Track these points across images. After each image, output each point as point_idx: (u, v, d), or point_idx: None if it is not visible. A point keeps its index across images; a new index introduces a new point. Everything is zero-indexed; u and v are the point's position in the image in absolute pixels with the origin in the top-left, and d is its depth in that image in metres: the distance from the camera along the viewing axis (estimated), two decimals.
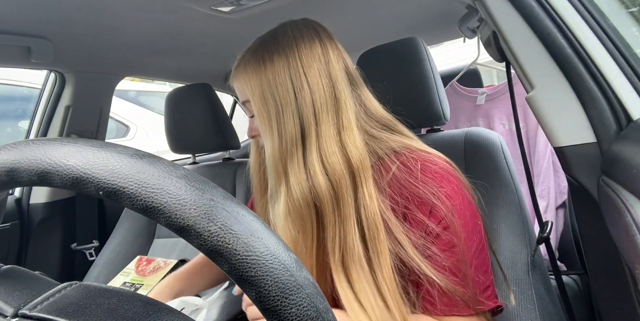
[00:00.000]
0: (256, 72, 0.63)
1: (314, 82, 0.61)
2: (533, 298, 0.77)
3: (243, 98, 0.67)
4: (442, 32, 1.49)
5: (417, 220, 0.60)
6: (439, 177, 0.61)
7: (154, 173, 0.24)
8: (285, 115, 0.61)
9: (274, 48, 0.63)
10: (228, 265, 0.24)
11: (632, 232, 0.43)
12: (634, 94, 0.56)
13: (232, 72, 0.68)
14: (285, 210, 0.61)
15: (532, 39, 0.61)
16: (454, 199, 0.60)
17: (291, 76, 0.61)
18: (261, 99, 0.62)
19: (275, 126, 0.61)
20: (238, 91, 0.67)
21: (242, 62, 0.66)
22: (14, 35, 1.00)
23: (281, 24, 0.68)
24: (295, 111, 0.60)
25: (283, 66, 0.61)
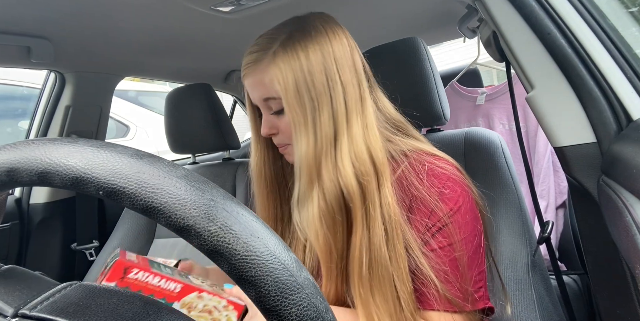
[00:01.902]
0: (289, 65, 0.59)
1: (345, 80, 0.60)
2: (533, 298, 0.77)
3: (266, 94, 0.62)
4: (442, 32, 1.49)
5: (418, 219, 0.61)
6: (444, 180, 0.62)
7: (154, 173, 0.24)
8: (321, 112, 0.59)
9: (309, 41, 0.60)
10: (228, 265, 0.24)
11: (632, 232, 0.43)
12: (634, 94, 0.56)
13: (249, 66, 0.63)
14: (319, 213, 0.59)
15: (532, 39, 0.61)
16: (456, 202, 0.61)
17: (326, 72, 0.59)
18: (295, 94, 0.58)
19: (310, 123, 0.59)
20: (259, 85, 0.62)
21: (266, 54, 0.61)
22: (14, 35, 1.00)
23: (304, 17, 0.65)
24: (329, 108, 0.59)
25: (318, 60, 0.59)
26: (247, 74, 0.64)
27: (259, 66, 0.62)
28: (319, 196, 0.59)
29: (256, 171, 0.72)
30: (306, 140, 0.59)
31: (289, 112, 0.60)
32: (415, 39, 0.91)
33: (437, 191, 0.61)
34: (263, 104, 0.64)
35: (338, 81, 0.59)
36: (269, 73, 0.60)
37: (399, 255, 0.57)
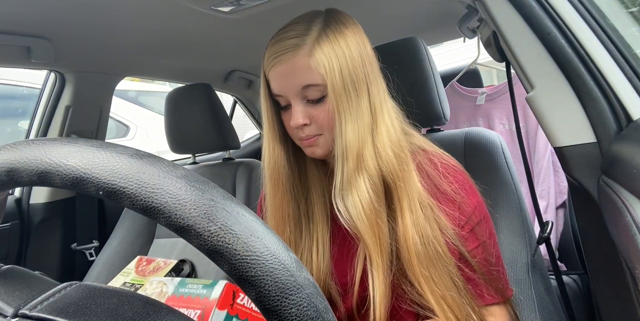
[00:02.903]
0: (334, 50, 0.59)
1: (375, 70, 0.64)
2: (533, 298, 0.77)
3: (308, 80, 0.60)
4: (442, 32, 1.49)
5: (448, 214, 0.63)
6: (459, 176, 0.66)
7: (154, 173, 0.24)
8: (362, 99, 0.61)
9: (345, 30, 0.61)
10: (228, 265, 0.24)
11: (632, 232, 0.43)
12: (634, 94, 0.56)
13: (288, 51, 0.60)
14: (368, 199, 0.60)
15: (532, 39, 0.61)
16: (476, 197, 0.66)
17: (362, 61, 0.61)
18: (341, 80, 0.59)
19: (354, 110, 0.60)
20: (302, 71, 0.60)
21: (307, 40, 0.60)
22: (14, 35, 1.00)
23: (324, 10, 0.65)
24: (367, 95, 0.62)
25: (355, 49, 0.61)
26: (285, 60, 0.61)
27: (301, 50, 0.60)
28: (365, 182, 0.60)
29: (272, 170, 0.68)
30: (352, 126, 0.60)
31: (334, 99, 0.60)
32: (415, 39, 0.91)
33: (458, 187, 0.65)
34: (300, 92, 0.62)
35: (371, 70, 0.63)
36: (314, 58, 0.59)
37: (439, 235, 0.60)
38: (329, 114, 0.61)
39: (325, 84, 0.60)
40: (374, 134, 0.61)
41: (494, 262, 0.64)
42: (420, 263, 0.58)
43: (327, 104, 0.61)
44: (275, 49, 0.61)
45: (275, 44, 0.62)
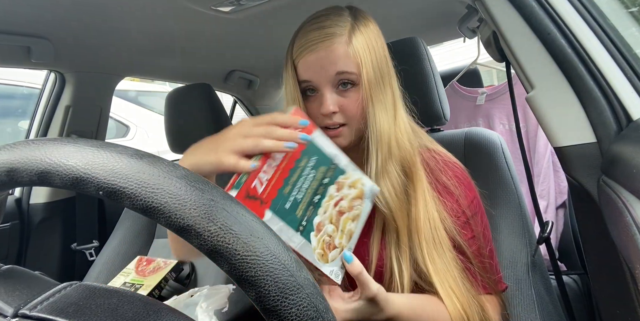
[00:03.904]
0: (369, 41, 0.63)
1: (392, 67, 0.67)
2: (533, 298, 0.77)
3: (344, 67, 0.62)
4: (442, 32, 1.49)
5: (447, 205, 0.66)
6: (458, 172, 0.70)
7: (154, 173, 0.24)
8: (387, 90, 0.65)
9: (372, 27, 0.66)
10: (228, 265, 0.24)
11: (632, 232, 0.43)
12: (634, 94, 0.56)
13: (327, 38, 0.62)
14: (399, 185, 0.64)
15: (532, 39, 0.61)
16: (473, 192, 0.70)
17: (386, 56, 0.66)
18: (374, 69, 0.63)
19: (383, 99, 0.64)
20: (339, 58, 0.62)
21: (345, 28, 0.62)
22: (14, 35, 1.00)
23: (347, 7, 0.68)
24: (391, 87, 0.66)
25: (382, 42, 0.66)
26: (324, 47, 0.62)
27: (340, 38, 0.62)
28: (396, 168, 0.64)
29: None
30: (384, 115, 0.64)
31: (367, 87, 0.63)
32: (415, 39, 0.91)
33: (457, 182, 0.68)
34: (333, 79, 0.63)
35: (390, 65, 0.67)
36: (352, 46, 0.62)
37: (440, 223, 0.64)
38: (357, 103, 0.64)
39: (357, 72, 0.63)
40: (396, 122, 0.65)
41: (487, 255, 0.67)
42: (427, 246, 0.62)
43: (357, 93, 0.64)
44: (311, 37, 0.63)
45: (311, 32, 0.63)
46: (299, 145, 0.52)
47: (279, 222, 0.50)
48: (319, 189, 0.54)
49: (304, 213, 0.53)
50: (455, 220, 0.66)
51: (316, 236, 0.53)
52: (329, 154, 0.56)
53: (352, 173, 0.58)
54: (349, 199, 0.57)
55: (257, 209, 0.49)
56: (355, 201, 0.57)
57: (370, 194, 0.59)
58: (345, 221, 0.56)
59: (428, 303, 0.61)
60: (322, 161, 0.55)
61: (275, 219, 0.50)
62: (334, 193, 0.56)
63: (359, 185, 0.58)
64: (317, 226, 0.53)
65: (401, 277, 0.62)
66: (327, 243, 0.54)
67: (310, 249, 0.52)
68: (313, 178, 0.54)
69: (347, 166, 0.58)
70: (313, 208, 0.53)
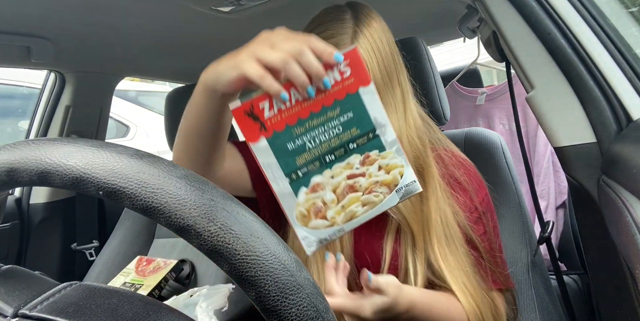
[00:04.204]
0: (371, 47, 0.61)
1: (401, 61, 0.66)
2: (533, 298, 0.77)
3: None
4: (442, 32, 1.49)
5: (460, 200, 0.66)
6: (471, 170, 0.70)
7: (154, 173, 0.24)
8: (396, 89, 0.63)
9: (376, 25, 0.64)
10: (228, 265, 0.24)
11: (632, 232, 0.43)
12: (634, 94, 0.56)
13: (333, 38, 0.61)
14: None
15: (532, 39, 0.61)
16: (484, 190, 0.70)
17: (392, 53, 0.64)
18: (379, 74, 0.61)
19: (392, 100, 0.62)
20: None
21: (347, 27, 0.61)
22: (14, 35, 1.00)
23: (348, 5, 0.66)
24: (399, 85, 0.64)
25: (387, 42, 0.63)
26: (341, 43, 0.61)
27: (345, 37, 0.60)
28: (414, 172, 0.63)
29: None
30: (394, 116, 0.62)
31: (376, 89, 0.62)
32: (415, 39, 0.91)
33: (469, 178, 0.68)
34: None
35: (398, 60, 0.65)
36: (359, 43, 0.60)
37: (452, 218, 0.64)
38: None
39: None
40: (406, 120, 0.64)
41: (498, 250, 0.68)
42: (439, 243, 0.61)
43: None
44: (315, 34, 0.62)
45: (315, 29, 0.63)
46: (333, 92, 0.44)
47: (271, 157, 0.44)
48: (338, 151, 0.46)
49: (305, 163, 0.46)
50: (468, 215, 0.65)
51: (307, 195, 0.46)
52: (374, 120, 0.46)
53: (394, 155, 0.48)
54: (372, 180, 0.48)
55: (253, 131, 0.43)
56: (379, 187, 0.48)
57: (404, 190, 0.49)
58: (352, 200, 0.47)
59: (442, 297, 0.60)
60: (359, 123, 0.46)
61: (268, 151, 0.44)
62: (355, 164, 0.47)
63: (396, 173, 0.48)
64: (314, 185, 0.46)
65: (415, 277, 0.61)
66: (316, 208, 0.47)
67: (293, 203, 0.46)
68: (336, 135, 0.46)
69: (392, 144, 0.48)
70: (319, 165, 0.46)
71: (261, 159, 0.45)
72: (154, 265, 1.14)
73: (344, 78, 0.44)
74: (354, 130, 0.46)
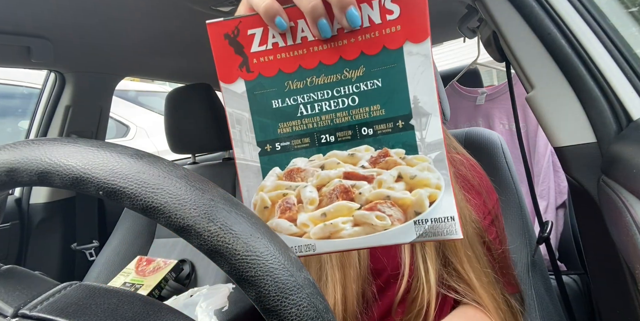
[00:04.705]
0: None
1: None
2: (533, 298, 0.77)
3: None
4: (442, 32, 1.49)
5: (473, 204, 0.65)
6: (482, 173, 0.70)
7: (154, 173, 0.24)
8: None
9: None
10: (228, 265, 0.24)
11: (632, 232, 0.43)
12: (634, 94, 0.56)
13: None
14: None
15: (532, 39, 0.61)
16: (495, 194, 0.69)
17: None
18: None
19: None
20: None
21: None
22: (14, 35, 1.00)
23: None
24: None
25: None
26: None
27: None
28: None
29: None
30: None
31: None
32: None
33: (481, 182, 0.68)
34: None
35: None
36: None
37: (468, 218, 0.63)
38: None
39: None
40: None
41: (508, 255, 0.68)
42: (462, 242, 0.61)
43: None
44: None
45: None
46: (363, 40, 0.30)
47: (245, 110, 0.32)
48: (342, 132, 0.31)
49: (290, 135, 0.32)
50: (481, 219, 0.65)
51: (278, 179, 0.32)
52: (412, 101, 0.31)
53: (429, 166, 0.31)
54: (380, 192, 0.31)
55: (231, 66, 0.32)
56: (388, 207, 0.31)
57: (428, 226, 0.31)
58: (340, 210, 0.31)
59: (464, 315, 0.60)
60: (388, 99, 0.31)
61: (244, 100, 0.32)
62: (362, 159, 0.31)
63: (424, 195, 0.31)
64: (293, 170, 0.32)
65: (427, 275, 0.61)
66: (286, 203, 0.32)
67: (255, 182, 0.33)
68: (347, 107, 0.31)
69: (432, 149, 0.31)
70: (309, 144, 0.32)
71: (230, 107, 0.32)
72: (154, 265, 1.14)
73: (386, 21, 0.30)
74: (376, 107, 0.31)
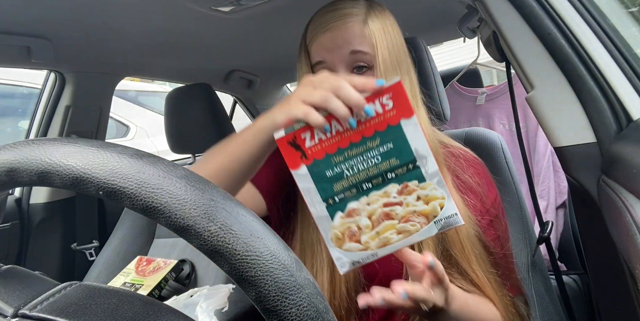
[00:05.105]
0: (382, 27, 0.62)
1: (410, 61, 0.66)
2: (533, 298, 0.77)
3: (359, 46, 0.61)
4: (442, 32, 1.49)
5: (470, 204, 0.64)
6: (480, 169, 0.68)
7: (154, 173, 0.24)
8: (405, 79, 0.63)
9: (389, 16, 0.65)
10: (228, 265, 0.24)
11: (632, 232, 0.43)
12: (634, 94, 0.56)
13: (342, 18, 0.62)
14: None
15: (532, 39, 0.61)
16: (495, 191, 0.68)
17: (404, 46, 0.65)
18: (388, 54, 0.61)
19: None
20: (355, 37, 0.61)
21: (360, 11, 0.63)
22: (14, 35, 1.00)
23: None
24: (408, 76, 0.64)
25: (399, 35, 0.65)
26: (339, 26, 0.62)
27: (355, 18, 0.62)
28: None
29: None
30: None
31: (382, 70, 0.61)
32: (415, 39, 0.91)
33: (479, 179, 0.66)
34: (348, 58, 0.62)
35: (407, 57, 0.66)
36: (368, 27, 0.61)
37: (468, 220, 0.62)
38: None
39: (373, 53, 0.61)
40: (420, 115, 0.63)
41: (510, 255, 0.66)
42: (470, 241, 0.60)
43: (372, 75, 0.62)
44: (327, 18, 0.63)
45: (326, 14, 0.63)
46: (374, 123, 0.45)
47: (310, 183, 0.47)
48: (375, 179, 0.47)
49: (342, 190, 0.47)
50: (480, 219, 0.63)
51: (342, 219, 0.48)
52: (414, 151, 0.46)
53: (434, 187, 0.47)
54: (409, 210, 0.47)
55: (294, 159, 0.46)
56: (416, 217, 0.47)
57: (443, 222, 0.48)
58: (387, 227, 0.48)
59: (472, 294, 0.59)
60: (399, 154, 0.46)
61: (307, 177, 0.47)
62: (392, 193, 0.47)
63: (436, 205, 0.47)
64: (350, 211, 0.47)
65: None
66: (351, 232, 0.48)
67: (328, 225, 0.48)
68: (374, 165, 0.46)
69: (433, 176, 0.47)
70: (356, 192, 0.47)
71: (301, 184, 0.48)
72: (154, 265, 1.14)
73: (385, 111, 0.45)
74: (393, 160, 0.47)
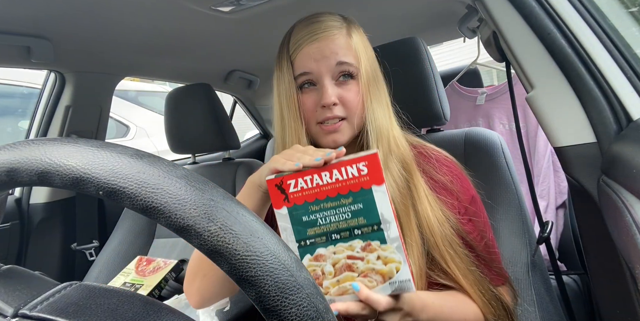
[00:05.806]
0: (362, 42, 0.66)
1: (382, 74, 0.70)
2: (533, 298, 0.77)
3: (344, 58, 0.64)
4: (442, 32, 1.49)
5: (447, 202, 0.65)
6: (452, 167, 0.70)
7: (154, 173, 0.24)
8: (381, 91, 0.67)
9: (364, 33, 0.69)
10: (228, 265, 0.24)
11: (632, 232, 0.43)
12: (634, 94, 0.56)
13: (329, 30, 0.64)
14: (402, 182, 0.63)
15: (532, 39, 0.61)
16: (471, 188, 0.69)
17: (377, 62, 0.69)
18: (369, 67, 0.65)
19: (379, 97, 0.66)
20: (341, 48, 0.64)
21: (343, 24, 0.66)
22: (14, 35, 1.00)
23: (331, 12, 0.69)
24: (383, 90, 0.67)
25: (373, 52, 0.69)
26: (325, 38, 0.64)
27: (340, 30, 0.65)
28: (396, 165, 0.64)
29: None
30: (381, 110, 0.65)
31: (365, 81, 0.64)
32: (415, 39, 0.91)
33: (452, 178, 0.68)
34: (334, 69, 0.64)
35: (379, 68, 0.69)
36: (352, 40, 0.65)
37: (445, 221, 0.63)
38: (357, 96, 0.64)
39: (356, 65, 0.64)
40: (392, 123, 0.66)
41: (491, 245, 0.68)
42: (443, 243, 0.61)
43: (356, 86, 0.64)
44: (311, 29, 0.64)
45: (310, 25, 0.65)
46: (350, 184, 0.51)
47: (288, 223, 0.52)
48: (344, 232, 0.52)
49: (314, 235, 0.52)
50: (459, 217, 0.65)
51: (309, 261, 0.52)
52: (380, 215, 0.51)
53: (393, 251, 0.51)
54: (369, 266, 0.51)
55: (279, 200, 0.52)
56: (374, 274, 0.51)
57: (397, 285, 0.51)
58: (347, 278, 0.51)
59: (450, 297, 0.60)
60: (366, 215, 0.51)
61: (287, 218, 0.52)
62: (357, 247, 0.52)
63: (393, 267, 0.51)
64: (317, 256, 0.52)
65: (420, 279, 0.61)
66: (315, 275, 0.52)
67: None
68: (344, 219, 0.51)
69: (394, 241, 0.51)
70: (326, 240, 0.52)
71: (280, 223, 0.53)
72: (154, 265, 1.14)
73: (360, 175, 0.51)
74: (361, 219, 0.51)
